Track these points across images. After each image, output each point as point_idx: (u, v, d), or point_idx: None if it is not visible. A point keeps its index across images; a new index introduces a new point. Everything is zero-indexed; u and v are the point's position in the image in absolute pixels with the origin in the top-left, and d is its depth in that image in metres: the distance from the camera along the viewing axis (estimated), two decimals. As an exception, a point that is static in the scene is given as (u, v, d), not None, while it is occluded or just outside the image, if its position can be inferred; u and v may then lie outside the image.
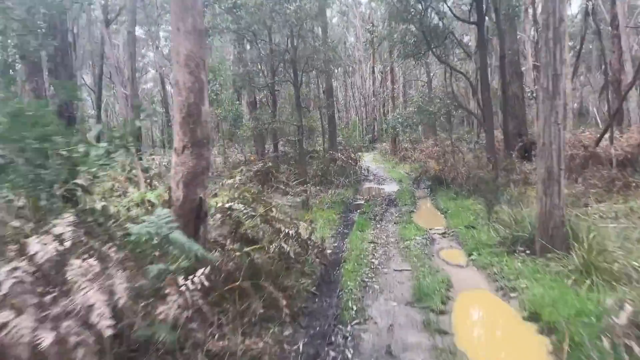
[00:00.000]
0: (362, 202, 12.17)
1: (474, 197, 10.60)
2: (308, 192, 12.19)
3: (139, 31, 42.13)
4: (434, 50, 13.16)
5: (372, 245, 7.54)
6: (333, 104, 17.27)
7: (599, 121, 26.25)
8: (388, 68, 25.90)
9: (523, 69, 19.80)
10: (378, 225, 9.13)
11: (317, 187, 12.94)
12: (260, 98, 17.24)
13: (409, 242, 7.54)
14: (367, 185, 15.50)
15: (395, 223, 9.23)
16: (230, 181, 12.25)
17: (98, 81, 29.52)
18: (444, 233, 8.17)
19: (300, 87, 9.88)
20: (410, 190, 13.14)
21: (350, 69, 44.41)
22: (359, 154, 17.39)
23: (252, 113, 11.38)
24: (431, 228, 8.69)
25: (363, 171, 17.48)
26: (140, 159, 19.71)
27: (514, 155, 13.18)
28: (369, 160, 24.84)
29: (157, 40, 41.64)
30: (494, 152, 10.92)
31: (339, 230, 8.86)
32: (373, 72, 35.16)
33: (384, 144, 30.47)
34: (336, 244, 7.77)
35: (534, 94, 17.20)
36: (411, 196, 12.19)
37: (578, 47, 24.12)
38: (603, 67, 19.16)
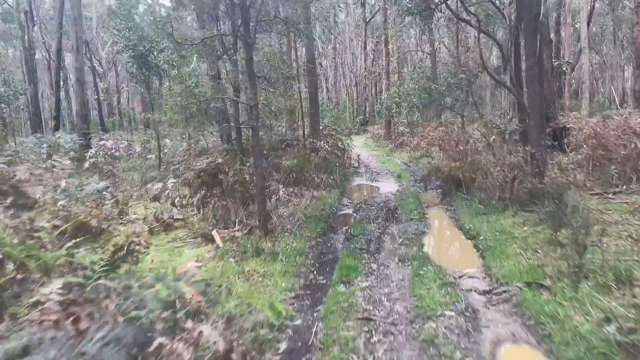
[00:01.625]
0: (350, 210, 8.47)
1: (512, 210, 6.92)
2: (277, 194, 8.46)
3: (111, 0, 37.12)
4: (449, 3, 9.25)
5: (364, 328, 3.86)
6: (315, 77, 13.29)
7: (617, 101, 22.62)
8: (382, 38, 21.71)
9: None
10: (373, 266, 5.44)
11: (291, 189, 9.19)
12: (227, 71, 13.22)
13: (433, 323, 3.86)
14: (357, 181, 11.76)
15: (401, 260, 5.54)
16: (157, 186, 8.49)
17: (57, 55, 24.98)
18: (489, 292, 4.50)
19: (254, 45, 5.96)
20: (414, 193, 9.41)
21: (341, 46, 40.06)
22: (348, 142, 13.57)
23: (186, 88, 7.56)
24: (461, 274, 5.04)
25: (352, 162, 13.71)
26: (88, 143, 15.76)
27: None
28: (359, 145, 21.03)
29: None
30: (540, 144, 7.18)
31: (310, 278, 5.14)
32: (365, 48, 30.85)
33: (377, 126, 26.59)
34: (299, 322, 4.07)
35: (563, 67, 13.35)
36: (417, 204, 8.47)
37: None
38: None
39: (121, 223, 7.67)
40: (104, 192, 7.94)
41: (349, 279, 4.95)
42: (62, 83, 28.47)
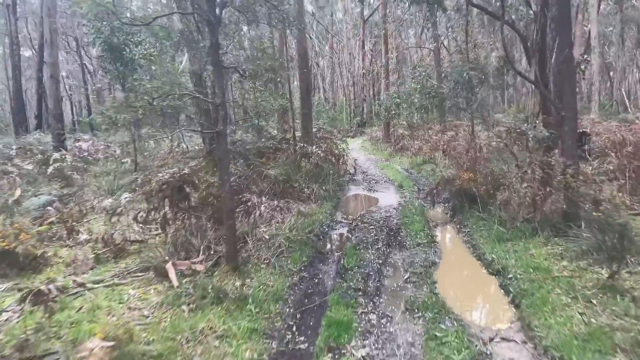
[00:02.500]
0: (345, 230, 7.08)
1: (543, 236, 5.53)
2: (259, 210, 7.06)
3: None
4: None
5: None
6: (308, 73, 11.87)
7: (626, 104, 21.32)
8: (382, 33, 20.29)
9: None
10: (372, 318, 4.04)
11: (275, 202, 7.79)
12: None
13: None
14: (353, 191, 10.35)
15: (408, 309, 4.16)
16: (108, 201, 7.07)
17: (39, 50, 23.55)
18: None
19: (219, 26, 4.54)
20: (419, 208, 8.01)
21: (339, 45, 38.64)
22: (343, 147, 12.18)
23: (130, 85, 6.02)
24: (492, 335, 3.67)
25: (348, 168, 12.32)
26: (61, 145, 14.30)
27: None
28: (356, 148, 19.66)
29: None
30: (575, 154, 5.85)
31: (285, 341, 3.71)
32: (363, 47, 29.44)
33: (375, 128, 25.19)
34: None
35: (582, 65, 11.99)
36: (424, 222, 7.07)
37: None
38: None
39: (67, 246, 6.29)
40: (49, 207, 6.52)
41: (338, 343, 3.55)
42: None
